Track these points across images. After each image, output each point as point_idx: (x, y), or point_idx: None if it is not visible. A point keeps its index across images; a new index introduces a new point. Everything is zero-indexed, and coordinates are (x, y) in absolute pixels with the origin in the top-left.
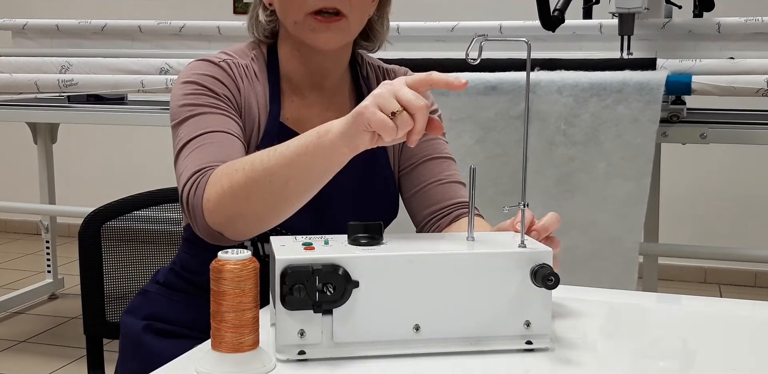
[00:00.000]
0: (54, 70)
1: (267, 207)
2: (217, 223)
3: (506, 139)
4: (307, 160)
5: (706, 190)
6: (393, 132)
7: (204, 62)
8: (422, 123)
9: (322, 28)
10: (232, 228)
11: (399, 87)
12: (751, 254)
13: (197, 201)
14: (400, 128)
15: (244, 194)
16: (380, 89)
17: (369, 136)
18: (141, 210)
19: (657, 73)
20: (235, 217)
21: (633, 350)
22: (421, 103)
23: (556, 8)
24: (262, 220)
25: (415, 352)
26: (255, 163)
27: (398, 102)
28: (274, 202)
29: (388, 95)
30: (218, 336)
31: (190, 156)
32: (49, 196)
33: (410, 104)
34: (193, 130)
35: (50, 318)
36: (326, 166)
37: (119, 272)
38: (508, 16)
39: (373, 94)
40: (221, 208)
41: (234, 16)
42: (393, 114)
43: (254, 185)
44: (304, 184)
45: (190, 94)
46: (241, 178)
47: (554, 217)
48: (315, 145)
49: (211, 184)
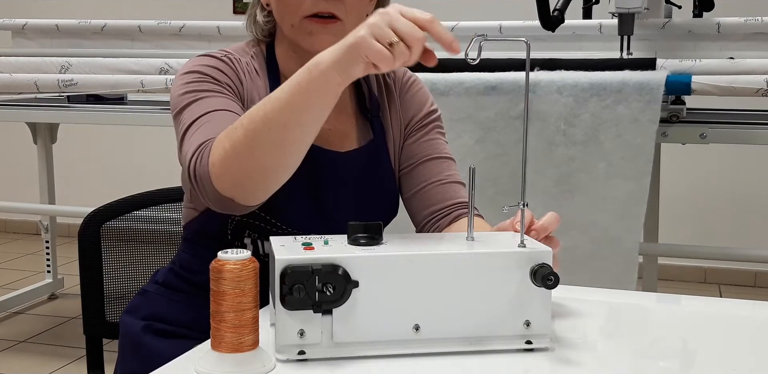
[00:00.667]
0: (54, 70)
1: (271, 159)
2: (226, 188)
3: (506, 139)
4: (302, 99)
5: (706, 190)
6: (390, 62)
7: (205, 57)
8: (418, 53)
9: (318, 30)
10: (241, 191)
11: (395, 17)
12: (751, 254)
13: (203, 169)
14: (396, 59)
15: (246, 150)
16: (375, 18)
17: (364, 65)
18: (141, 210)
19: (657, 73)
20: (242, 178)
21: (633, 350)
22: (418, 34)
23: (555, 8)
24: (268, 176)
25: (415, 352)
26: (251, 115)
27: (395, 32)
28: (277, 152)
29: (384, 25)
30: (218, 336)
31: (195, 134)
32: (49, 196)
33: (407, 36)
34: (196, 112)
35: (50, 318)
36: (322, 101)
37: (119, 272)
38: (508, 16)
39: (368, 23)
40: (227, 171)
41: (234, 16)
42: (390, 44)
43: (254, 137)
44: (304, 124)
45: (192, 82)
46: (240, 134)
47: (554, 217)
48: (307, 80)
49: (214, 149)
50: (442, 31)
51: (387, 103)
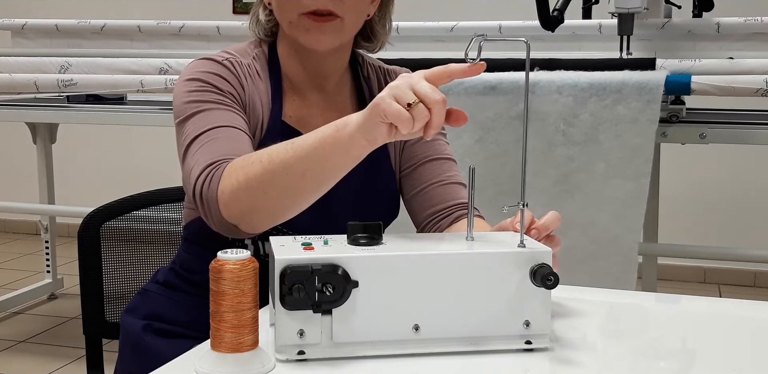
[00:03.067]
0: (53, 70)
1: (282, 200)
2: (232, 216)
3: (506, 139)
4: (324, 154)
5: (706, 190)
6: (409, 124)
7: (207, 61)
8: (439, 116)
9: (316, 27)
10: (247, 221)
11: (417, 80)
12: (750, 254)
13: (211, 195)
14: (416, 120)
15: (260, 187)
16: (398, 81)
17: (386, 128)
18: (141, 210)
19: (656, 73)
20: (250, 210)
21: (633, 350)
22: (438, 96)
23: (555, 8)
24: (276, 213)
25: (415, 352)
26: (272, 156)
27: (415, 94)
28: (290, 195)
29: (405, 87)
30: (218, 336)
31: (200, 151)
32: (49, 196)
33: (427, 97)
34: (200, 125)
35: (49, 318)
36: (344, 160)
37: (119, 272)
38: (508, 16)
39: (390, 85)
40: (236, 201)
41: (234, 16)
42: (409, 105)
43: (270, 178)
44: (321, 177)
45: (194, 91)
46: (257, 171)
47: (554, 216)
48: (333, 138)
49: (225, 177)
50: (461, 67)
51: None
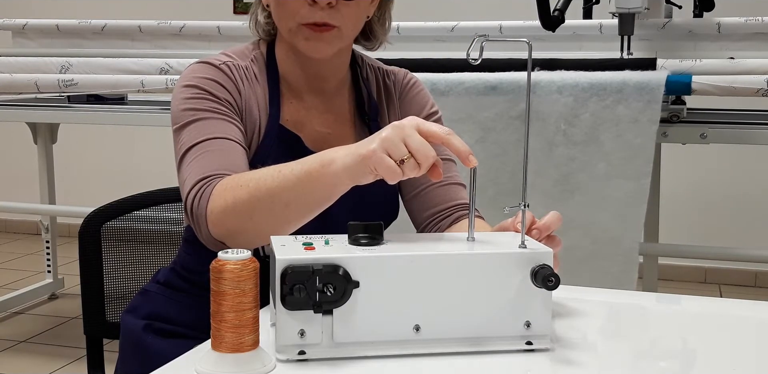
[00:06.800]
0: (54, 70)
1: (268, 226)
2: (220, 235)
3: (506, 139)
4: (308, 187)
5: (706, 190)
6: (399, 177)
7: (204, 65)
8: (426, 169)
9: (315, 37)
10: (234, 240)
11: (410, 132)
12: (751, 254)
13: (201, 212)
14: (405, 174)
15: (246, 211)
16: (390, 131)
17: (372, 176)
18: (141, 210)
19: (657, 73)
20: (237, 231)
21: (633, 350)
22: (430, 153)
23: (556, 8)
24: (263, 235)
25: (415, 352)
26: (259, 182)
27: (407, 148)
28: (275, 222)
29: (398, 140)
30: (218, 336)
31: (193, 163)
32: (49, 196)
33: (419, 154)
34: (195, 135)
35: (50, 318)
36: (328, 193)
37: (119, 272)
38: (508, 16)
39: (382, 137)
40: (224, 222)
41: (234, 16)
42: (402, 161)
43: (256, 204)
44: (305, 207)
45: (192, 98)
46: (244, 196)
47: (555, 216)
48: (318, 173)
49: (215, 197)
50: (460, 145)
51: (386, 106)
